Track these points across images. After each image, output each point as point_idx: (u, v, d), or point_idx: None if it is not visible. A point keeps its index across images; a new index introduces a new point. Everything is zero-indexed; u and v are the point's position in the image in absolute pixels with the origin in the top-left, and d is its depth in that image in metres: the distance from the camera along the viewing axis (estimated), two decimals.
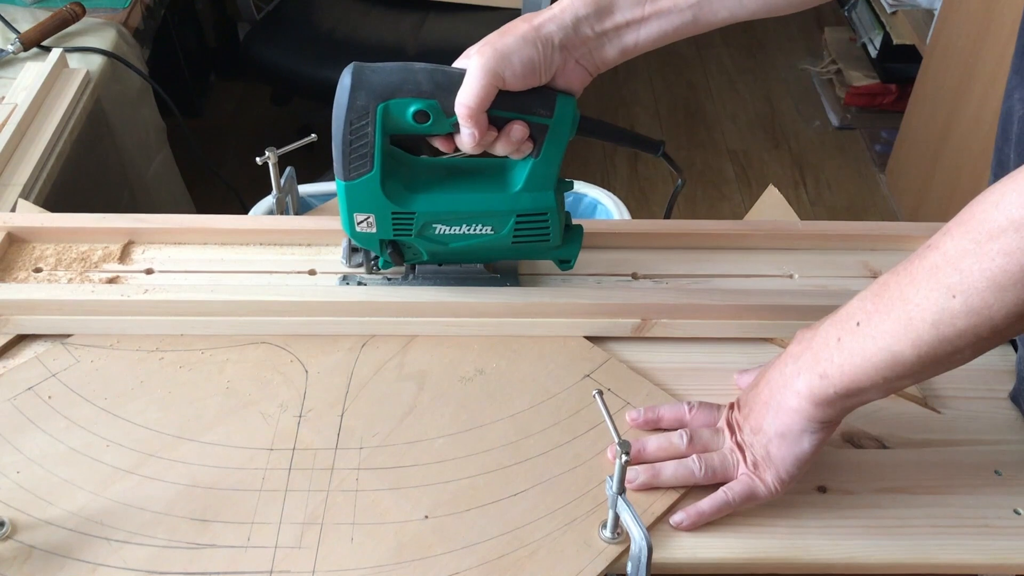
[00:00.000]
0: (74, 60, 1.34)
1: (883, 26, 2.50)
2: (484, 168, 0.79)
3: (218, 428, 0.73)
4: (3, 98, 1.20)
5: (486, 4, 1.98)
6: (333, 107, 0.70)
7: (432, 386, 0.77)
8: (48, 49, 1.33)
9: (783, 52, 2.93)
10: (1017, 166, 0.54)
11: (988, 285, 0.53)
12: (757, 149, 2.54)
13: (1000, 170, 0.74)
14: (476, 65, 0.68)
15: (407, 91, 0.69)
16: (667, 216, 0.96)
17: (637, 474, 0.69)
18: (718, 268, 0.90)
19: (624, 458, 0.60)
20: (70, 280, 0.84)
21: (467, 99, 0.68)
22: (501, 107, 0.70)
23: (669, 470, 0.69)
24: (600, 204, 1.21)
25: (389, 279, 0.85)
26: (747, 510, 0.68)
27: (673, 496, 0.69)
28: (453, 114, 0.70)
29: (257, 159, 0.90)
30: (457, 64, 0.71)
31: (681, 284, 0.88)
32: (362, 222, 0.76)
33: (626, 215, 1.19)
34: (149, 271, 0.87)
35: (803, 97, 2.74)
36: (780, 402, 0.65)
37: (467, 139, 0.71)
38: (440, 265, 0.84)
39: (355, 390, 0.77)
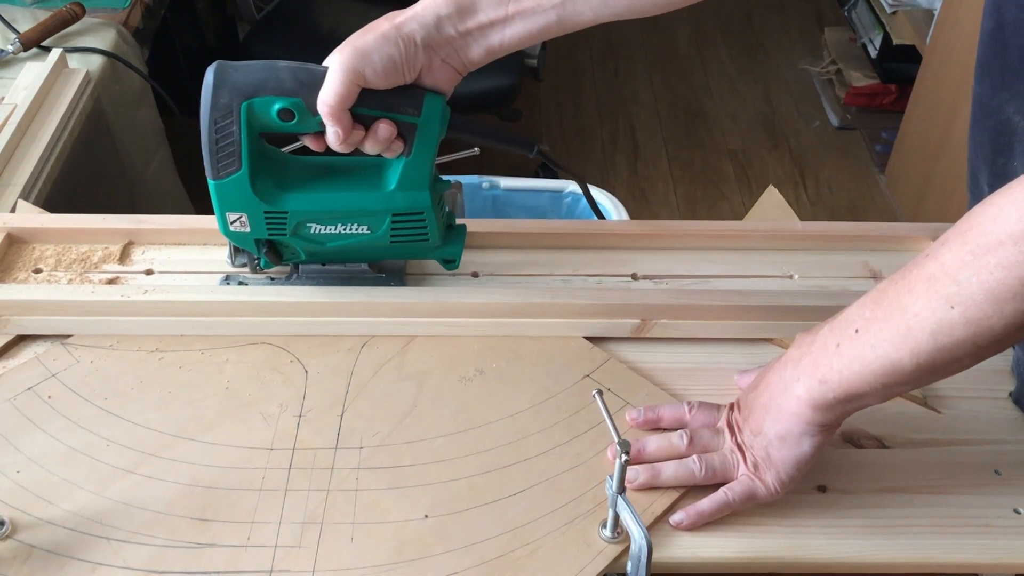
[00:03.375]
0: (74, 60, 1.34)
1: (883, 26, 2.50)
2: (359, 167, 0.78)
3: (218, 428, 0.73)
4: (3, 98, 1.20)
5: None
6: (200, 106, 0.70)
7: (432, 386, 0.77)
8: (48, 49, 1.32)
9: (783, 52, 2.93)
10: None
11: (986, 298, 0.52)
12: (757, 149, 2.54)
13: (997, 183, 0.74)
14: (336, 63, 0.68)
15: (270, 89, 0.69)
16: (598, 217, 0.96)
17: (637, 474, 0.69)
18: (718, 268, 0.89)
19: (624, 458, 0.60)
20: (70, 281, 0.84)
21: (328, 97, 0.68)
22: (366, 105, 0.70)
23: (669, 470, 0.69)
24: (599, 204, 1.21)
25: (273, 279, 0.85)
26: (747, 510, 0.68)
27: (673, 496, 0.69)
28: (319, 112, 0.70)
29: None
30: (325, 63, 0.71)
31: (681, 284, 0.88)
32: (235, 221, 0.76)
33: (625, 215, 1.19)
34: (149, 272, 0.87)
35: (803, 97, 2.74)
36: (780, 405, 0.65)
37: (332, 137, 0.71)
38: (324, 264, 0.83)
39: (355, 390, 0.77)
